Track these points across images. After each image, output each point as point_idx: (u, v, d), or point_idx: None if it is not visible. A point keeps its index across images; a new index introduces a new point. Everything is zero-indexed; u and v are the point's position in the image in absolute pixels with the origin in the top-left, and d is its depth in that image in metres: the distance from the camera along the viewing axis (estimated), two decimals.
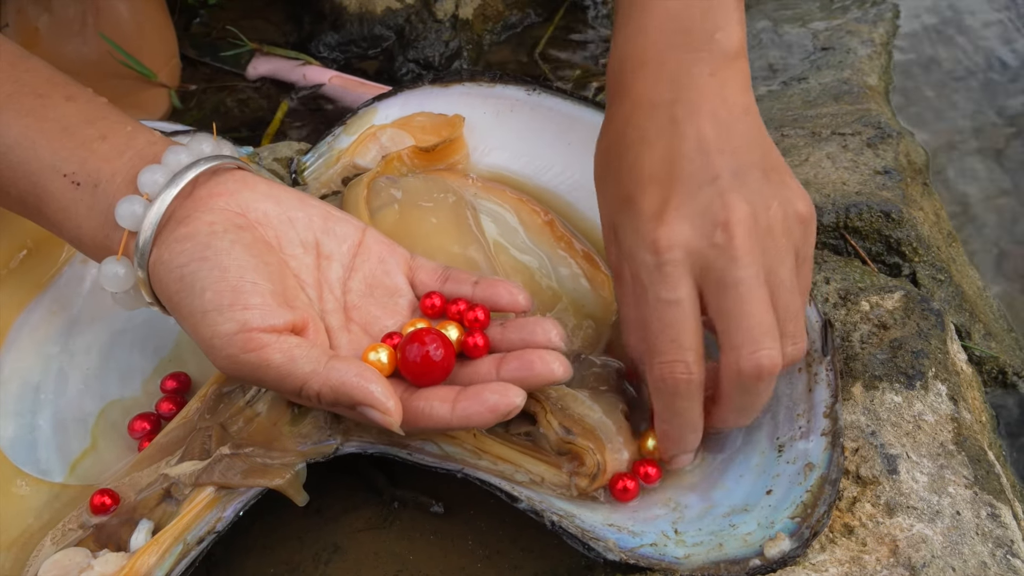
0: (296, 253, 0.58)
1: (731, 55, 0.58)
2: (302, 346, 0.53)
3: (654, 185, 0.54)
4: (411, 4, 1.01)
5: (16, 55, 0.60)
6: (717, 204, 0.53)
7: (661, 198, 0.54)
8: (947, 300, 0.75)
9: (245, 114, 0.95)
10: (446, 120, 0.75)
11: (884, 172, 0.79)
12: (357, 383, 0.52)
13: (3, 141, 0.57)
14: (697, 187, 0.53)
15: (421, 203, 0.69)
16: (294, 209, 0.59)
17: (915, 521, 0.57)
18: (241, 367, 0.53)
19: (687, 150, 0.55)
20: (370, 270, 0.60)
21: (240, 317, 0.52)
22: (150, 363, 0.68)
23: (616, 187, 0.57)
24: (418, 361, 0.55)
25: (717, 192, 0.53)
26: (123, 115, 0.60)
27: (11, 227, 0.69)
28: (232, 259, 0.54)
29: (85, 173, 0.57)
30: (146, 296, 0.57)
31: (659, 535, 0.55)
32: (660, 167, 0.55)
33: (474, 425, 0.53)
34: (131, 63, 0.92)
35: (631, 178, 0.56)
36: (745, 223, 0.52)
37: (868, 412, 0.62)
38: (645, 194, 0.54)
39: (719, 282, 0.52)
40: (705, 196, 0.53)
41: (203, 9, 1.04)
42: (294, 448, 0.58)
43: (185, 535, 0.55)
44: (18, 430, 0.64)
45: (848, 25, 1.04)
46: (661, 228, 0.53)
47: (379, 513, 0.61)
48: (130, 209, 0.55)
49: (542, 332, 0.57)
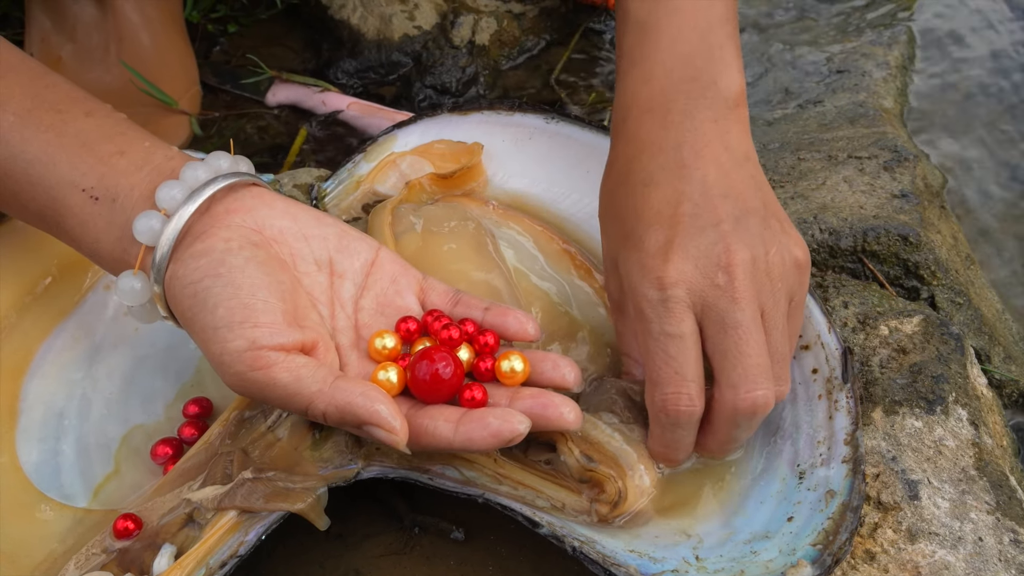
0: (310, 271, 0.58)
1: (732, 102, 0.60)
2: (309, 366, 0.54)
3: (659, 224, 0.57)
4: (428, 30, 1.02)
5: (36, 72, 0.61)
6: (720, 247, 0.55)
7: (666, 237, 0.56)
8: (966, 323, 0.75)
9: (265, 141, 0.96)
10: (465, 148, 0.76)
11: (901, 195, 0.79)
12: (362, 403, 0.52)
13: (23, 156, 0.58)
14: (700, 229, 0.56)
15: (442, 230, 0.69)
16: (310, 227, 0.59)
17: (937, 547, 0.56)
18: (249, 384, 0.53)
19: (691, 193, 0.57)
20: (382, 289, 0.60)
21: (250, 335, 0.53)
22: (172, 388, 0.68)
23: (621, 224, 0.59)
24: (427, 378, 0.55)
25: (720, 235, 0.56)
26: (141, 130, 0.60)
27: (35, 254, 0.70)
28: (245, 276, 0.54)
29: (103, 188, 0.57)
30: (161, 311, 0.58)
31: (680, 561, 0.55)
32: (665, 208, 0.57)
33: (476, 448, 0.53)
34: (152, 91, 0.93)
35: (636, 216, 0.58)
36: (745, 266, 0.55)
37: (889, 437, 0.61)
38: (650, 232, 0.57)
39: (720, 322, 0.55)
40: (708, 238, 0.56)
41: (223, 37, 1.06)
42: (315, 472, 0.58)
43: (208, 559, 0.55)
44: (42, 455, 0.64)
45: (863, 48, 1.05)
46: (666, 265, 0.55)
47: (400, 539, 0.61)
48: (148, 224, 0.56)
49: (556, 367, 0.58)
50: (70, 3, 0.94)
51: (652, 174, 0.59)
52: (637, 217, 0.58)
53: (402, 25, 1.01)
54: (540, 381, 0.58)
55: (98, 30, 0.94)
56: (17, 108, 0.58)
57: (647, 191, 0.58)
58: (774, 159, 0.85)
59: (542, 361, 0.58)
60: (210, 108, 0.98)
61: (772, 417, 0.62)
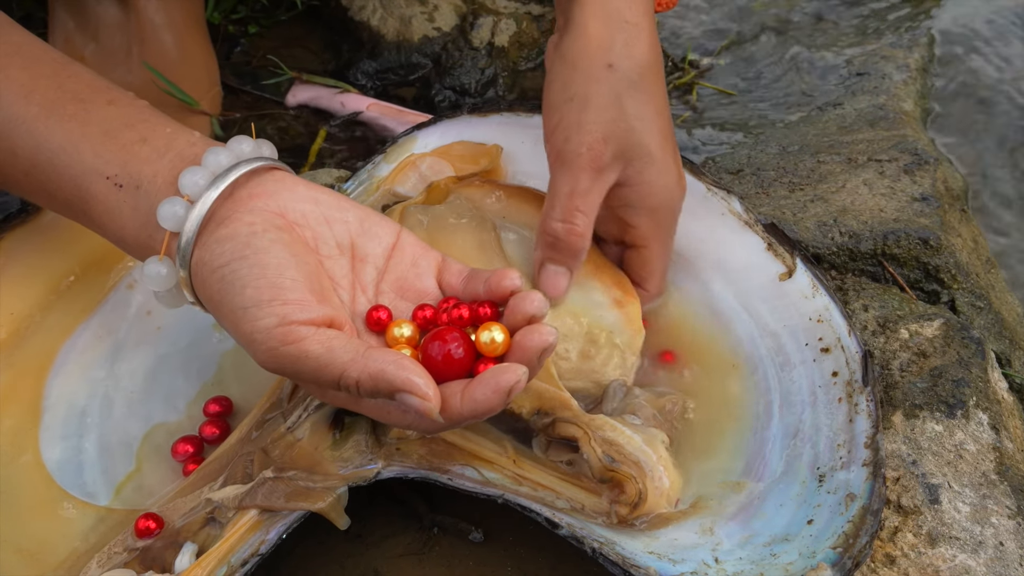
0: (332, 254, 0.59)
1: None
2: (340, 338, 0.54)
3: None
4: (448, 32, 1.02)
5: (59, 62, 0.62)
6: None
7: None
8: (987, 327, 0.74)
9: (285, 141, 0.97)
10: (484, 149, 0.76)
11: (922, 199, 0.79)
12: (395, 371, 0.52)
13: (48, 146, 0.58)
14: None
15: (447, 226, 0.70)
16: (332, 210, 0.59)
17: (958, 552, 0.56)
18: (281, 360, 0.53)
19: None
20: (402, 272, 0.61)
21: (279, 311, 0.53)
22: (193, 387, 0.69)
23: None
24: (439, 358, 0.55)
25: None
26: (164, 117, 0.61)
27: (59, 253, 0.71)
28: (271, 257, 0.54)
29: (127, 175, 0.58)
30: (188, 296, 0.58)
31: (699, 563, 0.55)
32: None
33: (483, 409, 0.53)
34: (174, 91, 0.94)
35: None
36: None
37: (909, 441, 0.61)
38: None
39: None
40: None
41: (244, 38, 1.06)
42: (336, 472, 0.58)
43: (230, 557, 0.55)
44: (65, 453, 0.65)
45: (883, 50, 1.04)
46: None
47: (419, 539, 0.61)
48: (172, 211, 0.56)
49: (528, 302, 0.56)
50: (93, 4, 0.94)
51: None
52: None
53: (422, 27, 1.02)
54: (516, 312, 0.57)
55: (120, 31, 0.95)
56: (41, 99, 0.59)
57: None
58: (794, 161, 0.84)
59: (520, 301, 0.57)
60: (231, 109, 0.99)
61: (791, 420, 0.62)
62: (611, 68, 0.66)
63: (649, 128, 0.67)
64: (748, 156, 0.87)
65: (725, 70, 1.07)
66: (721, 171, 0.85)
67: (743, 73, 1.07)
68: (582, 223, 0.66)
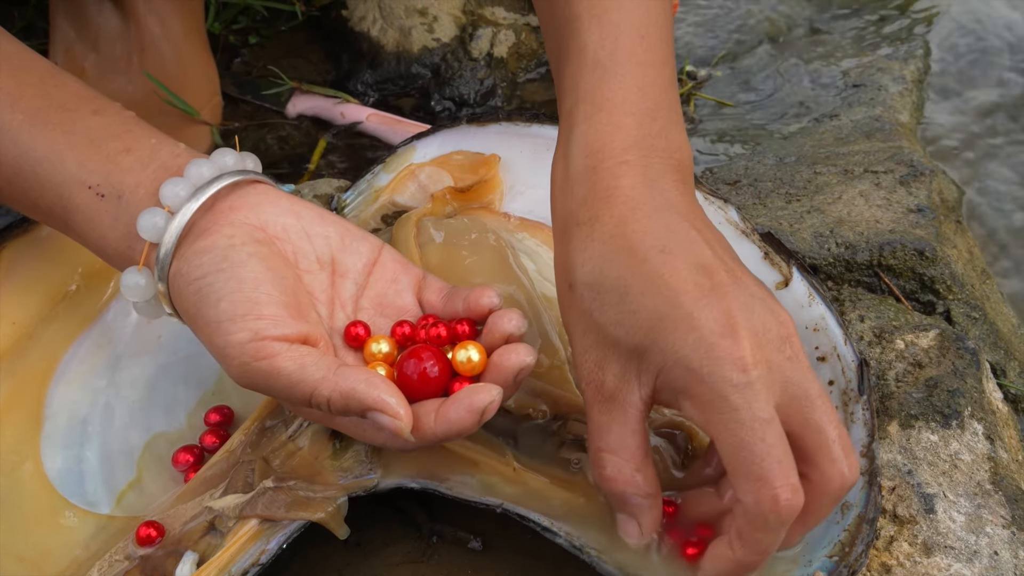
0: (312, 269, 0.59)
1: (687, 168, 0.57)
2: (312, 355, 0.54)
3: (705, 299, 0.50)
4: (447, 43, 1.03)
5: (47, 71, 0.62)
6: (772, 318, 0.51)
7: (723, 313, 0.50)
8: (982, 338, 0.75)
9: (285, 151, 0.97)
10: (482, 159, 0.77)
11: (917, 210, 0.79)
12: (366, 389, 0.52)
13: (32, 155, 0.59)
14: (748, 300, 0.51)
15: (463, 242, 0.70)
16: (313, 224, 0.60)
17: (953, 561, 0.57)
18: (253, 375, 0.54)
19: (714, 260, 0.52)
20: (382, 289, 0.61)
21: (253, 326, 0.53)
22: (194, 396, 0.69)
23: (640, 300, 0.51)
24: (414, 377, 0.55)
25: (766, 306, 0.51)
26: (149, 128, 0.61)
27: (59, 263, 0.71)
28: (248, 271, 0.55)
29: (109, 185, 0.58)
30: (166, 307, 0.58)
31: None
32: (702, 279, 0.51)
33: (457, 429, 0.52)
34: (174, 101, 0.94)
35: (664, 293, 0.51)
36: (796, 334, 0.52)
37: (904, 451, 0.62)
38: (700, 308, 0.50)
39: (803, 396, 0.50)
40: (759, 309, 0.51)
41: (244, 48, 1.07)
42: (336, 482, 0.59)
43: (230, 567, 0.56)
44: (66, 462, 0.65)
45: (879, 62, 1.05)
46: (741, 344, 0.49)
47: (418, 547, 0.62)
48: (152, 221, 0.56)
49: (506, 320, 0.57)
50: (94, 14, 0.95)
51: (661, 239, 0.52)
52: (665, 293, 0.50)
53: (421, 38, 1.02)
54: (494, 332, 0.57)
55: (121, 41, 0.96)
56: (27, 107, 0.59)
57: (667, 259, 0.51)
58: (790, 172, 0.85)
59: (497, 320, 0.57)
60: (231, 118, 0.99)
61: None
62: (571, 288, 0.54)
63: (649, 296, 0.52)
64: (745, 167, 0.87)
65: (723, 81, 1.08)
66: (718, 182, 0.86)
67: (741, 84, 1.07)
68: (610, 465, 0.53)
